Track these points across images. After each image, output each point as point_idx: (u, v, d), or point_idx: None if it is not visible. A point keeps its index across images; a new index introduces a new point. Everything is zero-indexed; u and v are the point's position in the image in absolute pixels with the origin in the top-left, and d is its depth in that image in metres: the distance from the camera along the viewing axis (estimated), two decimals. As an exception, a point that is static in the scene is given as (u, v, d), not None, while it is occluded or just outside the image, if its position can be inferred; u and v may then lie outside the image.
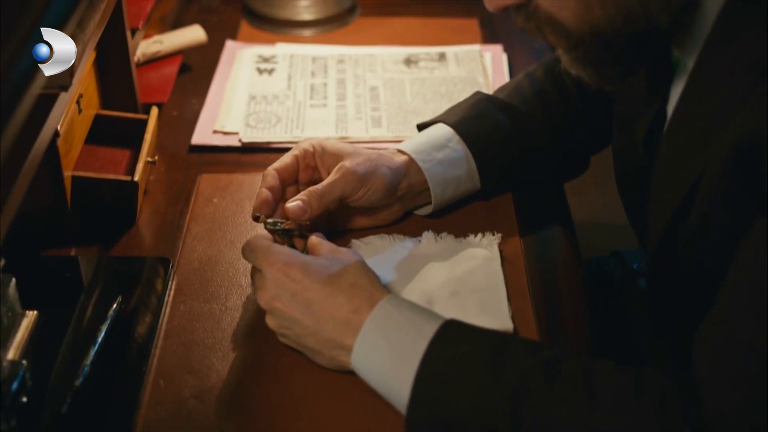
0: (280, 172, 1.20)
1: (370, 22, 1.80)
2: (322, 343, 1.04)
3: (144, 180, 1.32)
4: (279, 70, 1.61)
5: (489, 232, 1.25)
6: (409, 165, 1.25)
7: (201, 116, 1.49)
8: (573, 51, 0.97)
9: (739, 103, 0.87)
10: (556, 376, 0.92)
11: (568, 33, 0.95)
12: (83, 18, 1.11)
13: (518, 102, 1.33)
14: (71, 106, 1.24)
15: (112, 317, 1.11)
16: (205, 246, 1.25)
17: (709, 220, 0.94)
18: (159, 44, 1.56)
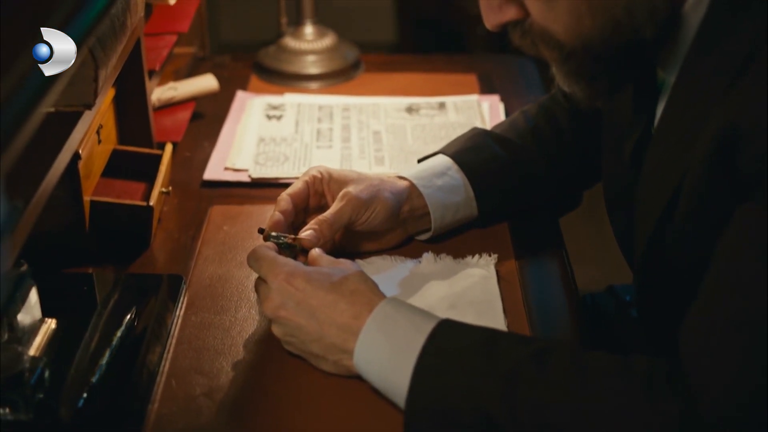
0: (293, 198, 1.27)
1: (374, 77, 1.89)
2: (325, 348, 1.10)
3: (158, 208, 1.39)
4: (287, 117, 1.69)
5: (486, 253, 1.31)
6: (411, 190, 1.32)
7: (213, 155, 1.57)
8: (565, 64, 1.05)
9: (718, 103, 0.94)
10: (547, 363, 0.97)
11: (561, 45, 1.03)
12: (108, 44, 1.19)
13: (514, 136, 1.41)
14: (92, 134, 1.32)
15: (126, 324, 1.17)
16: (216, 266, 1.31)
17: (693, 218, 1.00)
18: (173, 90, 1.65)
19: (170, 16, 1.68)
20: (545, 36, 1.04)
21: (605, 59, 1.03)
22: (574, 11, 0.99)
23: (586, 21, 1.00)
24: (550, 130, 1.42)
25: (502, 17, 1.06)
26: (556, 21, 1.01)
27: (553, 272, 1.34)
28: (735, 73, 0.93)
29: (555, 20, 1.01)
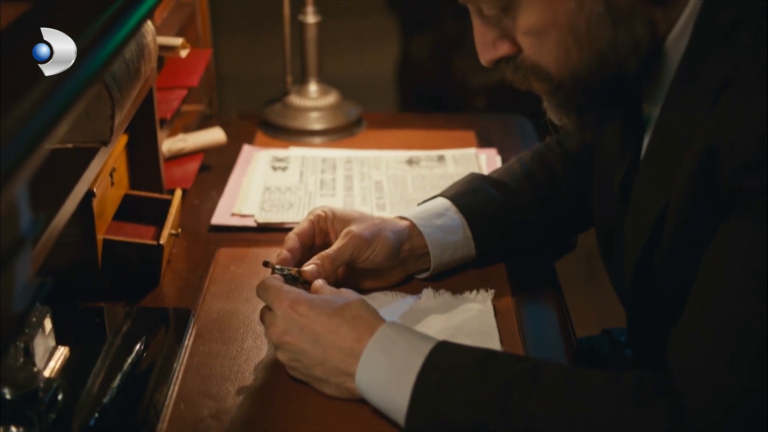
0: (300, 236, 1.33)
1: (376, 133, 1.96)
2: (329, 372, 1.14)
3: (168, 248, 1.44)
4: (291, 168, 1.76)
5: (483, 289, 1.36)
6: (411, 229, 1.37)
7: (220, 202, 1.63)
8: (555, 96, 1.11)
9: (698, 128, 1.00)
10: (541, 377, 1.02)
11: (551, 78, 1.09)
12: (123, 85, 1.26)
13: (509, 180, 1.47)
14: (105, 176, 1.38)
15: (137, 352, 1.22)
16: (223, 302, 1.36)
17: (679, 239, 1.05)
18: (183, 142, 1.72)
19: (181, 72, 1.75)
20: (536, 69, 1.10)
21: (593, 91, 1.09)
22: (562, 45, 1.06)
23: (574, 54, 1.06)
24: (544, 175, 1.48)
25: (496, 53, 1.13)
26: (546, 55, 1.08)
27: (549, 311, 1.39)
28: (713, 99, 0.99)
29: (545, 54, 1.08)
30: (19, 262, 0.83)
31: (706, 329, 0.96)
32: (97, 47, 0.98)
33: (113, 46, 1.01)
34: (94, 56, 0.97)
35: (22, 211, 0.84)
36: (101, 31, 1.00)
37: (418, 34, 3.72)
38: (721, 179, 0.97)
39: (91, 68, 0.96)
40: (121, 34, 1.04)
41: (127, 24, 1.06)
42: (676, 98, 1.07)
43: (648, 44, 1.06)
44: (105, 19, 1.03)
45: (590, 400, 0.99)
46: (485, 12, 1.09)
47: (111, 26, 1.03)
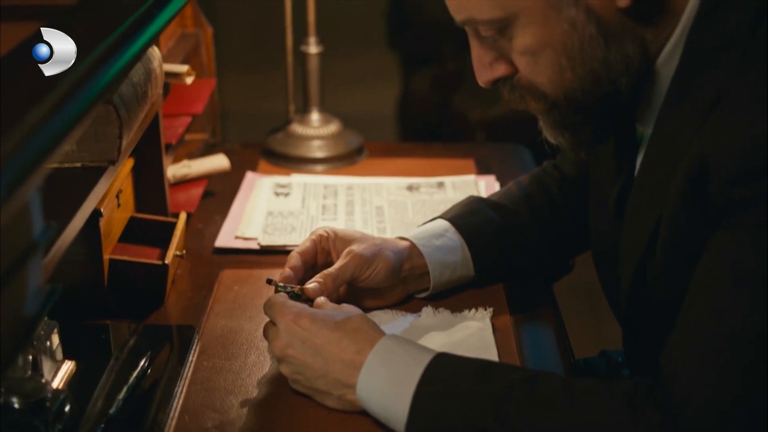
0: (302, 255, 1.36)
1: (376, 161, 1.99)
2: (330, 384, 1.16)
3: (173, 269, 1.46)
4: (294, 194, 1.79)
5: (482, 307, 1.38)
6: (411, 249, 1.40)
7: (224, 225, 1.66)
8: (550, 114, 1.15)
9: (689, 144, 1.03)
10: (537, 385, 1.05)
11: (546, 96, 1.13)
12: (131, 107, 1.29)
13: (507, 202, 1.50)
14: (112, 197, 1.41)
15: (142, 367, 1.24)
16: (227, 320, 1.38)
17: (671, 252, 1.08)
18: (187, 168, 1.75)
19: (185, 99, 1.79)
20: (532, 88, 1.14)
21: (586, 109, 1.12)
22: (556, 64, 1.09)
23: (568, 73, 1.10)
24: (542, 198, 1.51)
25: (493, 74, 1.16)
26: (541, 74, 1.11)
27: (547, 330, 1.41)
28: (704, 116, 1.02)
29: (540, 73, 1.11)
30: (32, 267, 0.86)
31: (698, 337, 0.99)
32: (101, 70, 1.01)
33: (117, 69, 1.04)
34: (99, 78, 1.00)
35: (35, 219, 0.87)
36: (106, 54, 1.03)
37: (419, 69, 3.78)
38: (711, 191, 1.00)
39: (95, 90, 0.98)
40: (126, 57, 1.07)
41: (131, 48, 1.09)
42: (668, 117, 1.11)
43: (639, 63, 1.10)
44: (111, 41, 1.06)
45: (586, 407, 1.02)
46: (482, 33, 1.12)
47: (116, 49, 1.06)
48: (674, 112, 1.09)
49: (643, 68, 1.10)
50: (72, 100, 0.89)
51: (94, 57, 1.00)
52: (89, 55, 0.99)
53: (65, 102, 0.87)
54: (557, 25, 1.07)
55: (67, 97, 0.88)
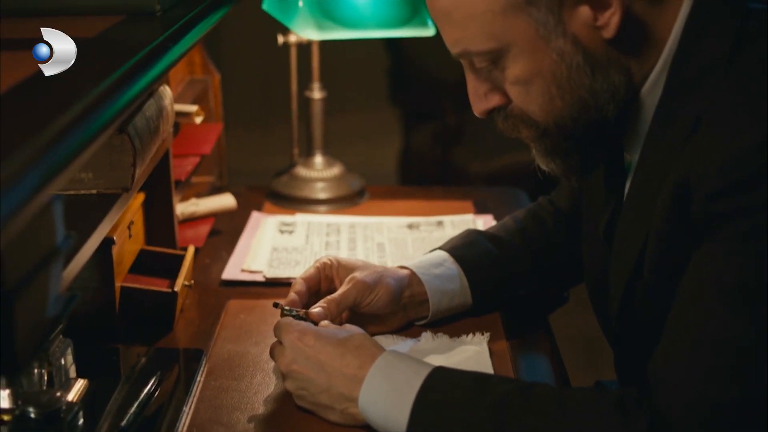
0: (306, 281, 1.42)
1: (377, 203, 2.06)
2: (333, 398, 1.21)
3: (181, 298, 1.52)
4: (298, 231, 1.85)
5: (479, 332, 1.44)
6: (411, 277, 1.46)
7: (230, 259, 1.72)
8: (542, 141, 1.21)
9: (673, 166, 1.10)
10: (531, 394, 1.10)
11: (537, 124, 1.19)
12: (144, 138, 1.36)
13: (504, 234, 1.56)
14: (124, 228, 1.47)
15: (152, 385, 1.29)
16: (234, 344, 1.44)
17: (658, 270, 1.14)
18: (195, 206, 1.81)
19: (194, 141, 1.86)
20: (524, 117, 1.20)
21: (576, 136, 1.19)
22: (546, 93, 1.16)
23: (557, 102, 1.16)
24: (537, 230, 1.57)
25: (488, 104, 1.23)
26: (533, 103, 1.18)
27: (542, 356, 1.46)
28: (686, 138, 1.09)
29: (531, 102, 1.18)
30: (54, 271, 0.92)
31: (681, 345, 1.04)
32: (112, 98, 1.06)
33: (129, 98, 1.09)
34: (109, 106, 1.06)
35: (57, 227, 0.93)
36: (114, 86, 1.08)
37: (420, 124, 3.87)
38: (693, 208, 1.06)
39: (101, 122, 1.03)
40: (137, 88, 1.12)
41: (143, 78, 1.15)
42: (653, 144, 1.17)
43: (625, 92, 1.16)
44: (124, 71, 1.12)
45: (577, 414, 1.07)
46: (477, 65, 1.19)
47: (127, 79, 1.11)
48: (658, 139, 1.16)
49: (628, 97, 1.17)
50: (81, 126, 0.94)
51: (105, 86, 1.06)
52: (101, 84, 1.05)
53: (74, 127, 0.92)
54: (546, 56, 1.14)
55: (76, 122, 0.93)
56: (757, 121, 1.02)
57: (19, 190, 0.77)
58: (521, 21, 1.13)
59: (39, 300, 0.90)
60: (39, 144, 0.82)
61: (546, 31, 1.13)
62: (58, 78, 1.04)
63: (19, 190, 0.77)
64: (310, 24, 1.74)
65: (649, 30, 1.15)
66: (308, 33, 1.77)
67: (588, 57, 1.14)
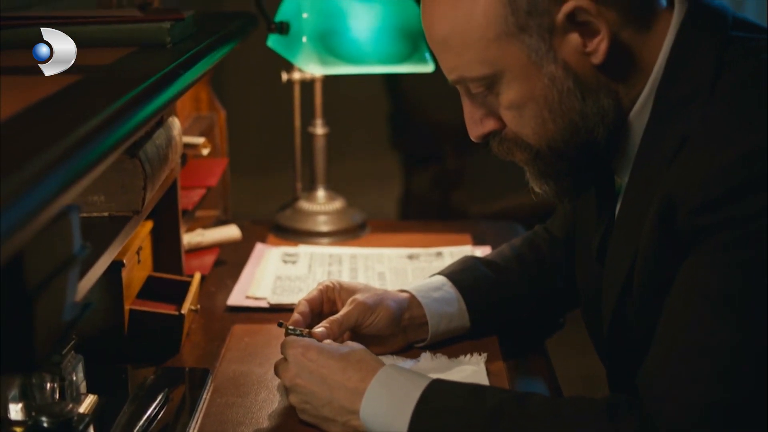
0: (310, 303, 1.47)
1: (378, 236, 2.11)
2: (336, 411, 1.26)
3: (188, 322, 1.57)
4: (301, 261, 1.90)
5: (476, 353, 1.48)
6: (411, 300, 1.51)
7: (235, 287, 1.77)
8: (535, 163, 1.26)
9: (659, 185, 1.15)
10: (526, 402, 1.15)
11: (530, 147, 1.24)
12: (154, 164, 1.42)
13: (500, 260, 1.61)
14: (133, 253, 1.52)
15: (160, 400, 1.33)
16: (238, 365, 1.48)
17: (647, 285, 1.19)
18: (201, 236, 1.87)
19: (200, 174, 1.92)
20: (518, 140, 1.26)
21: (568, 158, 1.24)
22: (539, 117, 1.21)
23: (550, 125, 1.22)
24: (532, 256, 1.62)
25: (483, 129, 1.28)
26: (526, 126, 1.23)
27: (538, 376, 1.50)
28: (671, 158, 1.14)
29: (525, 126, 1.23)
30: (71, 277, 0.97)
31: (670, 351, 1.09)
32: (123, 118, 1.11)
33: (141, 119, 1.15)
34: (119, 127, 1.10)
35: (75, 237, 0.98)
36: (129, 105, 1.14)
37: (420, 167, 3.93)
38: (679, 223, 1.11)
39: (118, 136, 1.08)
40: (147, 111, 1.17)
41: (152, 104, 1.21)
42: (641, 166, 1.23)
43: (614, 115, 1.22)
44: (134, 94, 1.17)
45: (570, 418, 1.11)
46: (473, 90, 1.25)
47: (139, 102, 1.17)
48: (646, 160, 1.21)
49: (618, 120, 1.22)
50: (100, 137, 0.99)
51: (121, 104, 1.11)
52: (116, 103, 1.10)
53: (93, 138, 0.97)
54: (538, 81, 1.20)
55: (95, 133, 0.98)
56: (736, 139, 1.07)
57: (39, 193, 0.82)
58: (514, 48, 1.18)
59: (56, 303, 0.94)
60: (60, 150, 0.88)
61: (538, 57, 1.18)
62: (81, 95, 1.11)
63: (40, 193, 0.82)
64: (313, 59, 1.80)
65: (636, 56, 1.20)
66: (311, 68, 1.84)
67: (578, 82, 1.19)
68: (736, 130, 1.09)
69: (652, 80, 1.21)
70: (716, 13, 1.21)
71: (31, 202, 0.80)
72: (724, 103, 1.13)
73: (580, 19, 1.16)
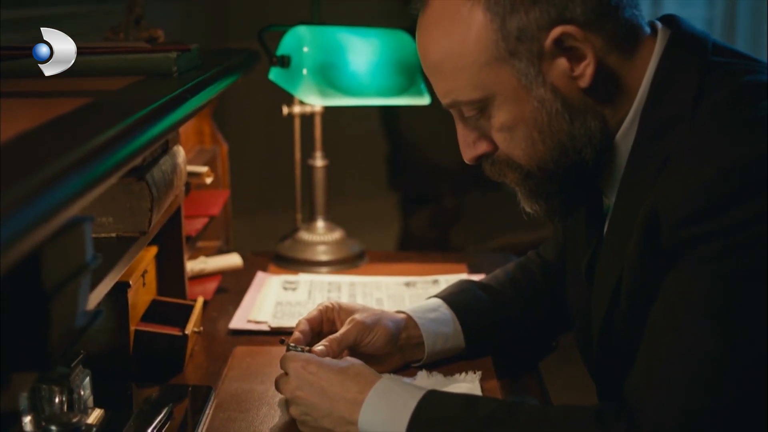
0: (310, 322, 1.52)
1: (376, 266, 2.16)
2: (335, 421, 1.30)
3: (191, 342, 1.61)
4: (301, 288, 1.95)
5: (471, 371, 1.53)
6: (408, 321, 1.56)
7: (237, 311, 1.82)
8: (526, 183, 1.31)
9: (644, 204, 1.20)
10: (516, 409, 1.20)
11: (521, 167, 1.30)
12: (160, 188, 1.47)
13: (494, 284, 1.67)
14: (138, 276, 1.57)
15: (164, 414, 1.38)
16: (240, 383, 1.53)
17: (633, 297, 1.24)
18: (203, 263, 1.92)
19: (203, 204, 1.98)
20: (508, 162, 1.31)
21: (557, 178, 1.30)
22: (529, 138, 1.27)
23: (540, 146, 1.28)
24: (525, 280, 1.67)
25: (476, 151, 1.34)
26: (517, 148, 1.29)
27: (532, 397, 1.55)
28: (655, 176, 1.20)
29: (515, 147, 1.29)
30: (83, 284, 1.02)
31: (656, 359, 1.14)
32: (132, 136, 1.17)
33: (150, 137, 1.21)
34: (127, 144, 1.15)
35: (87, 247, 1.03)
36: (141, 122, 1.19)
37: (418, 206, 4.00)
38: (662, 237, 1.16)
39: (131, 149, 1.14)
40: (154, 131, 1.23)
41: (160, 124, 1.26)
42: (628, 186, 1.28)
43: (601, 136, 1.27)
44: (145, 113, 1.23)
45: (559, 424, 1.16)
46: (466, 114, 1.31)
47: (149, 119, 1.23)
48: (632, 180, 1.27)
49: (604, 141, 1.28)
50: (117, 146, 1.05)
51: (127, 124, 1.16)
52: (122, 122, 1.16)
53: (113, 146, 1.03)
54: (528, 103, 1.26)
55: (113, 142, 1.05)
56: (715, 157, 1.13)
57: (57, 194, 0.87)
58: (505, 72, 1.24)
59: (70, 307, 0.99)
60: (75, 158, 0.93)
61: (528, 80, 1.24)
62: (93, 113, 1.17)
63: (58, 194, 0.87)
64: (313, 91, 1.86)
65: (622, 80, 1.26)
66: (312, 99, 1.90)
67: (566, 104, 1.25)
68: (715, 148, 1.14)
69: (636, 103, 1.27)
70: (697, 39, 1.27)
71: (49, 202, 0.85)
72: (705, 124, 1.19)
73: (567, 45, 1.22)
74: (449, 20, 1.26)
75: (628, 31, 1.27)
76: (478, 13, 1.24)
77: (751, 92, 1.19)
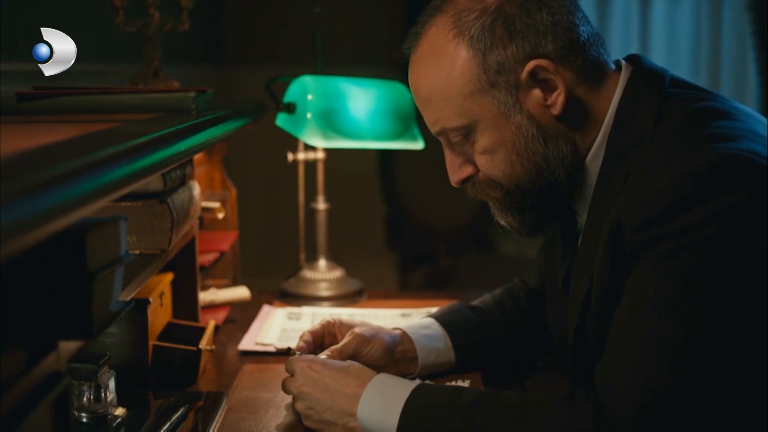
0: (312, 334, 1.68)
1: (375, 302, 2.31)
2: (336, 414, 1.45)
3: (204, 358, 1.76)
4: (304, 318, 2.10)
5: (460, 379, 1.67)
6: (403, 336, 1.71)
7: (245, 336, 1.97)
8: (504, 200, 1.47)
9: (609, 214, 1.36)
10: (498, 396, 1.35)
11: (501, 186, 1.46)
12: (179, 212, 1.63)
13: (483, 306, 1.82)
14: (156, 296, 1.73)
15: (180, 414, 1.52)
16: (250, 392, 1.67)
17: (602, 300, 1.39)
18: (214, 295, 2.07)
19: (214, 242, 2.14)
20: (489, 181, 1.47)
21: (532, 195, 1.45)
22: (508, 160, 1.43)
23: (518, 167, 1.44)
24: (510, 303, 1.82)
25: (461, 174, 1.50)
26: (497, 168, 1.45)
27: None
28: (618, 191, 1.36)
29: (496, 168, 1.45)
30: (117, 274, 1.17)
31: (620, 346, 1.29)
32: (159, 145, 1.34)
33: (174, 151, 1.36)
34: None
35: (122, 242, 1.19)
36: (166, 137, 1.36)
37: (415, 265, 4.15)
38: (624, 242, 1.32)
39: (158, 157, 1.30)
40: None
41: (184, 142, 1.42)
42: (597, 203, 1.44)
43: (572, 158, 1.44)
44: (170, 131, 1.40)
45: (534, 405, 1.31)
46: (452, 140, 1.47)
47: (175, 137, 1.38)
48: (601, 198, 1.43)
49: (576, 163, 1.44)
50: (149, 150, 1.21)
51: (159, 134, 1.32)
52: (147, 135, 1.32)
53: (143, 150, 1.20)
54: (507, 129, 1.42)
55: (138, 150, 1.20)
56: (667, 169, 1.29)
57: (98, 180, 1.02)
58: (486, 101, 1.41)
59: (107, 291, 1.14)
60: (122, 150, 1.09)
61: (506, 108, 1.41)
62: (122, 130, 1.34)
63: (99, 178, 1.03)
64: (316, 134, 2.04)
65: (590, 109, 1.43)
66: (315, 141, 2.07)
67: (541, 130, 1.42)
68: (669, 161, 1.31)
69: (604, 129, 1.43)
70: (656, 74, 1.45)
71: (86, 186, 0.99)
72: (661, 143, 1.35)
73: (540, 77, 1.40)
74: (437, 56, 1.43)
75: (595, 66, 1.44)
76: (462, 49, 1.41)
77: (702, 115, 1.36)
